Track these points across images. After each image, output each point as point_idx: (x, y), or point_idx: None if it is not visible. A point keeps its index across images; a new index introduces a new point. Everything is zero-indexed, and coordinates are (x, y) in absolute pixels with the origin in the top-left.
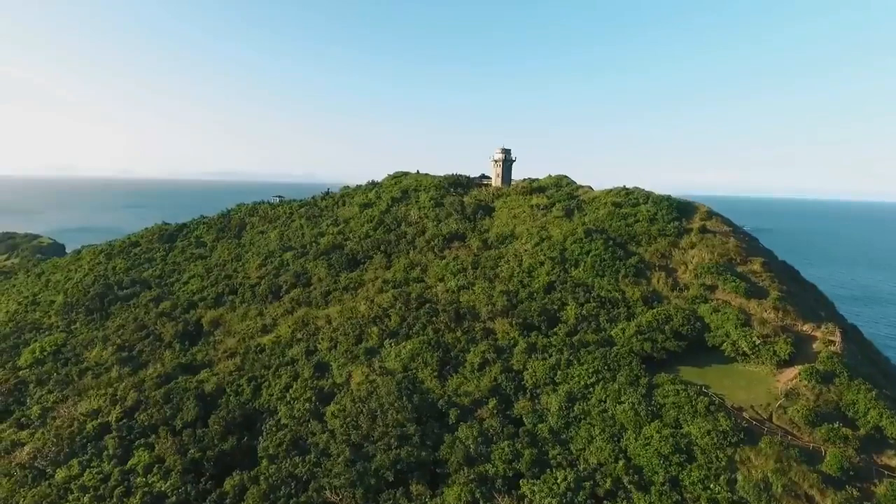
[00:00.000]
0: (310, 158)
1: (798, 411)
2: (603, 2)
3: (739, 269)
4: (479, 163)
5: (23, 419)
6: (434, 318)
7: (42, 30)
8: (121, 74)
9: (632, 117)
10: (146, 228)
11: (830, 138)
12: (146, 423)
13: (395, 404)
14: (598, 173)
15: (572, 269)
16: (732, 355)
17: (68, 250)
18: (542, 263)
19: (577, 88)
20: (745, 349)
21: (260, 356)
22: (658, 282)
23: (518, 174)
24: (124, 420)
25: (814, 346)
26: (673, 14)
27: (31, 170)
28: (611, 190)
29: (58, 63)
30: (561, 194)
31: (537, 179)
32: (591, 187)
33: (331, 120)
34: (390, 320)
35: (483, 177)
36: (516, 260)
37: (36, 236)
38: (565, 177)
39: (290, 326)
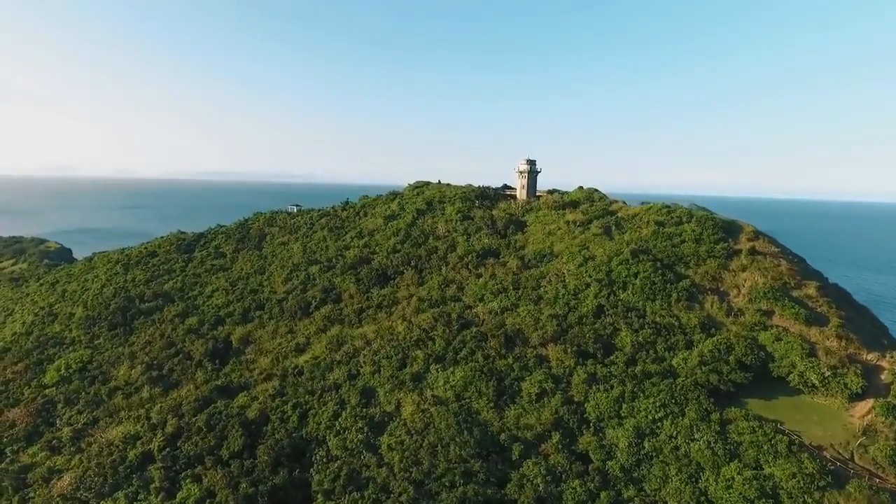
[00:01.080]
0: (308, 159)
1: (881, 450)
2: (596, 12)
3: (794, 293)
4: (483, 165)
5: (54, 441)
6: (483, 343)
7: (39, 30)
8: (120, 75)
9: (626, 120)
10: (162, 237)
11: (831, 138)
12: (191, 453)
13: (456, 438)
14: (593, 174)
15: (620, 291)
16: (799, 387)
17: (75, 255)
18: (587, 285)
19: (567, 96)
20: (815, 381)
21: (300, 379)
22: (712, 306)
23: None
24: (168, 449)
25: (882, 376)
26: (666, 23)
27: (29, 170)
28: (650, 207)
29: (56, 64)
30: (595, 210)
31: (567, 193)
32: (624, 202)
33: (330, 121)
34: (434, 344)
35: (506, 187)
36: (559, 280)
37: (42, 241)
38: (596, 190)
39: (325, 346)
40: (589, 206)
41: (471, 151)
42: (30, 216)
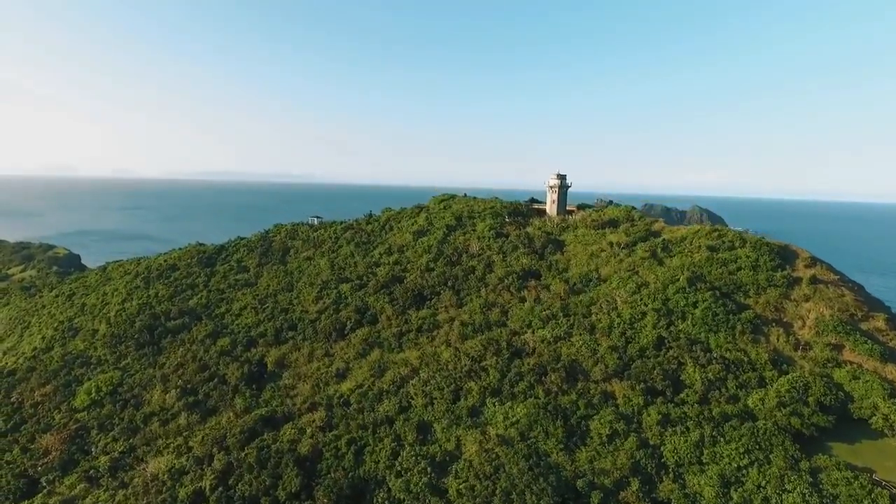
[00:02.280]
0: (307, 159)
1: None
2: (596, 11)
3: (863, 325)
4: (484, 166)
5: (91, 471)
6: (543, 377)
7: (40, 30)
8: (120, 74)
9: (626, 120)
10: (181, 249)
11: (833, 138)
12: (246, 493)
13: (532, 486)
14: (593, 174)
15: (679, 322)
16: (883, 430)
17: (84, 261)
18: (643, 314)
19: (566, 97)
20: None
21: (348, 410)
22: (778, 340)
23: (518, 177)
24: (220, 488)
25: None
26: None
27: (30, 170)
28: (698, 230)
29: (56, 64)
30: (638, 230)
31: (603, 210)
32: (663, 221)
33: (329, 121)
34: (488, 375)
35: (533, 200)
36: (610, 307)
37: (51, 246)
38: (634, 208)
39: (367, 373)
40: (630, 225)
41: (470, 152)
42: (30, 218)
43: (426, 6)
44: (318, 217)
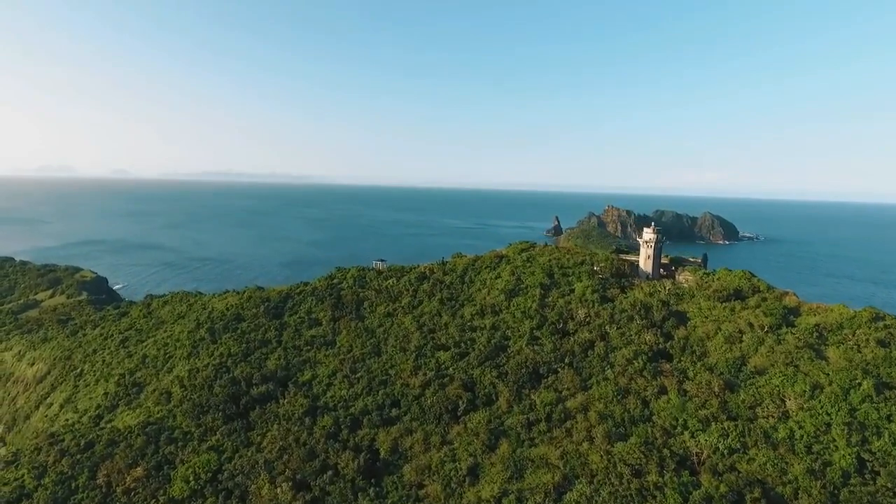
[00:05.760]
0: (305, 159)
1: None
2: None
3: None
4: (481, 165)
5: None
6: None
7: (33, 32)
8: (119, 75)
9: (626, 120)
10: (239, 293)
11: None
12: None
13: None
14: (593, 174)
15: (874, 439)
16: None
17: (93, 271)
18: (828, 426)
19: (565, 97)
20: None
21: None
22: None
23: (515, 175)
24: None
25: None
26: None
27: (29, 170)
28: (853, 316)
29: (54, 65)
30: (772, 308)
31: (715, 273)
32: (794, 293)
33: (329, 122)
34: (665, 497)
35: (618, 251)
36: (780, 410)
37: (77, 269)
38: (751, 274)
39: (502, 473)
40: (759, 299)
41: (470, 151)
42: (35, 225)
43: (415, 9)
44: (381, 260)
